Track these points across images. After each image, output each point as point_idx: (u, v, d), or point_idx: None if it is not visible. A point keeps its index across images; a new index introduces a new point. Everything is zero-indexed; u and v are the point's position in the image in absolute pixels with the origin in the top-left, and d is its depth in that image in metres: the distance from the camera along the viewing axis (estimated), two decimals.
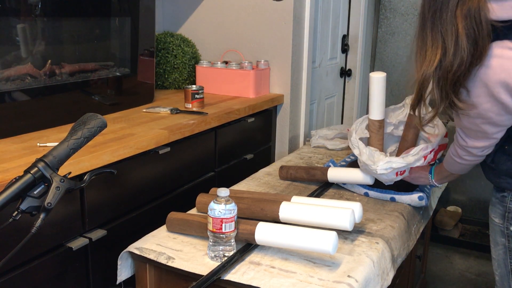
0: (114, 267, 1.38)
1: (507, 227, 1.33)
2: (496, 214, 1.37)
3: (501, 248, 1.36)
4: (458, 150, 1.38)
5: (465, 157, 1.38)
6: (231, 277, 1.19)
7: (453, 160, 1.44)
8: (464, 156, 1.38)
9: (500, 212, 1.35)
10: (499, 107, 1.16)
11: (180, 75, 2.51)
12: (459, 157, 1.39)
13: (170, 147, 1.81)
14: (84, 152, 1.45)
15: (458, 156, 1.39)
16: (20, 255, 1.31)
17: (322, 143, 2.29)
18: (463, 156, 1.38)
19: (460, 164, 1.42)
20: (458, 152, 1.38)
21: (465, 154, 1.36)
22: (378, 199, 1.68)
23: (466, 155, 1.37)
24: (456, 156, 1.41)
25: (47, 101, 1.75)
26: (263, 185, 1.80)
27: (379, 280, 1.29)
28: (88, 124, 1.02)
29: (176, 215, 1.42)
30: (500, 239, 1.36)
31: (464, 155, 1.37)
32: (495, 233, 1.38)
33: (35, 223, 0.93)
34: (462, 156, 1.38)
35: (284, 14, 2.44)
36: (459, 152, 1.38)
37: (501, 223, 1.35)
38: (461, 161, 1.40)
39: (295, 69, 2.54)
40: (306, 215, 1.32)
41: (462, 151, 1.37)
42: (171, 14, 2.74)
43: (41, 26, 1.70)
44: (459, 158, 1.40)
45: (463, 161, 1.40)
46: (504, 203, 1.33)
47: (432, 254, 2.91)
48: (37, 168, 0.95)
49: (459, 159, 1.40)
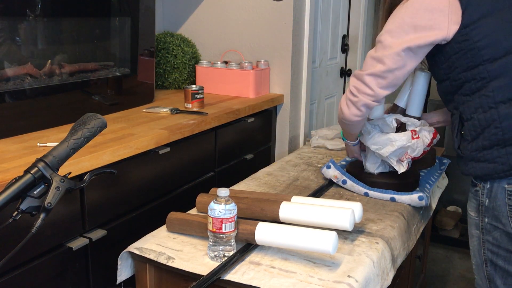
0: (114, 267, 1.38)
1: (481, 219, 1.40)
2: (471, 208, 1.44)
3: (476, 240, 1.44)
4: (350, 90, 1.47)
5: (351, 98, 1.47)
6: (231, 277, 1.19)
7: (340, 109, 1.54)
8: (351, 96, 1.47)
9: (474, 206, 1.42)
10: None
11: (180, 75, 2.51)
12: (347, 100, 1.49)
13: (170, 147, 1.81)
14: (84, 152, 1.45)
15: (346, 99, 1.50)
16: (20, 255, 1.31)
17: (322, 143, 2.29)
18: (351, 96, 1.47)
19: (345, 113, 1.51)
20: (348, 94, 1.48)
21: (355, 92, 1.45)
22: (378, 199, 1.68)
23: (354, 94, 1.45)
24: (346, 95, 1.50)
25: (47, 101, 1.75)
26: (263, 185, 1.80)
27: (379, 280, 1.29)
28: (88, 124, 1.02)
29: (176, 215, 1.42)
30: (475, 231, 1.44)
31: (353, 94, 1.46)
32: (470, 226, 1.46)
33: (35, 223, 0.93)
34: (350, 97, 1.47)
35: (284, 14, 2.44)
36: (352, 84, 1.47)
37: (476, 216, 1.42)
38: (346, 110, 1.50)
39: (295, 69, 2.54)
40: (306, 215, 1.32)
41: (353, 89, 1.46)
42: (171, 14, 2.74)
43: (41, 26, 1.70)
44: (346, 102, 1.50)
45: (346, 109, 1.50)
46: (477, 197, 1.40)
47: (432, 254, 2.91)
48: (37, 168, 0.95)
49: (346, 106, 1.50)
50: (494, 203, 1.36)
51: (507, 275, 1.39)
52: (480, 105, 1.33)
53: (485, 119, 1.32)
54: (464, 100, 1.38)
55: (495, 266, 1.40)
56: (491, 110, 1.31)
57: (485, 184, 1.37)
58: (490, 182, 1.36)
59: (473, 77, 1.34)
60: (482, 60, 1.31)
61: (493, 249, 1.39)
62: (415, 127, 1.63)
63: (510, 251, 1.36)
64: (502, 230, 1.36)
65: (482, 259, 1.43)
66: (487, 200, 1.37)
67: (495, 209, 1.36)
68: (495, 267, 1.40)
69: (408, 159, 1.62)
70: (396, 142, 1.58)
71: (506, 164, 1.31)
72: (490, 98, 1.31)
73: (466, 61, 1.34)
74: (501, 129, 1.30)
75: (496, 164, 1.32)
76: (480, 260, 1.44)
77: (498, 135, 1.31)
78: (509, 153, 1.30)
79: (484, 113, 1.32)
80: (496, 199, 1.35)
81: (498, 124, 1.30)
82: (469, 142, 1.38)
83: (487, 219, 1.38)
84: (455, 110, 1.43)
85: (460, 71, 1.36)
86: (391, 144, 1.59)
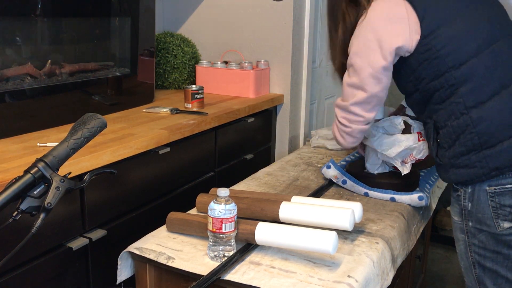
0: (114, 267, 1.38)
1: (465, 223, 1.39)
2: (454, 212, 1.44)
3: (462, 244, 1.43)
4: (340, 115, 1.52)
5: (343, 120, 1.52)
6: (231, 277, 1.19)
7: (336, 133, 1.59)
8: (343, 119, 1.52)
9: (457, 210, 1.42)
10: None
11: (180, 75, 2.51)
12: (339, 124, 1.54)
13: (170, 147, 1.81)
14: (84, 152, 1.45)
15: (338, 123, 1.54)
16: (20, 255, 1.31)
17: (322, 143, 2.29)
18: (343, 119, 1.52)
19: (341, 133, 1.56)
20: (339, 118, 1.53)
21: (345, 115, 1.51)
22: (378, 199, 1.68)
23: (345, 117, 1.51)
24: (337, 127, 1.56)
25: (47, 101, 1.75)
26: (263, 185, 1.80)
27: (379, 280, 1.29)
28: (88, 124, 1.02)
29: (176, 215, 1.42)
30: (460, 235, 1.43)
31: (344, 117, 1.51)
32: (455, 231, 1.45)
33: (35, 223, 0.93)
34: (342, 120, 1.52)
35: (284, 14, 2.44)
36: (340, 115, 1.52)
37: (460, 220, 1.41)
38: (342, 128, 1.54)
39: (295, 69, 2.54)
40: (306, 215, 1.32)
41: (343, 114, 1.51)
42: (171, 14, 2.74)
43: (41, 26, 1.70)
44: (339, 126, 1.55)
45: (343, 127, 1.53)
46: (460, 202, 1.40)
47: (432, 254, 2.91)
48: (37, 168, 0.95)
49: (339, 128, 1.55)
50: (478, 206, 1.35)
51: (497, 276, 1.38)
52: (452, 113, 1.33)
53: (459, 126, 1.32)
54: (436, 108, 1.38)
55: (483, 268, 1.39)
56: (463, 116, 1.31)
57: (466, 189, 1.36)
58: (471, 186, 1.35)
59: (441, 85, 1.34)
60: (447, 67, 1.31)
61: (479, 252, 1.38)
62: (420, 130, 1.63)
63: (497, 251, 1.35)
64: (487, 232, 1.35)
65: (470, 262, 1.42)
66: (469, 204, 1.36)
67: (479, 211, 1.35)
68: (483, 269, 1.39)
69: (412, 161, 1.63)
70: (403, 142, 1.59)
71: (485, 168, 1.30)
72: (461, 104, 1.31)
73: (432, 70, 1.34)
74: (476, 133, 1.30)
75: (476, 168, 1.31)
76: (468, 263, 1.43)
77: (474, 140, 1.30)
78: (487, 156, 1.29)
79: (457, 119, 1.32)
80: (479, 202, 1.34)
81: (472, 129, 1.30)
82: (446, 149, 1.37)
83: (471, 223, 1.37)
84: (429, 119, 1.43)
85: (428, 81, 1.36)
86: (398, 145, 1.59)
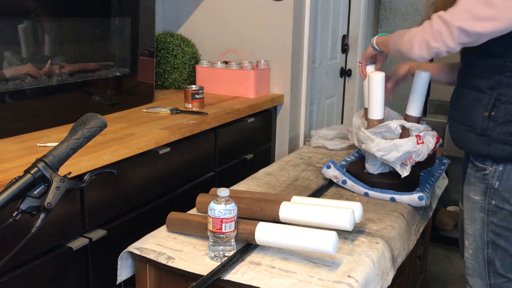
0: (114, 267, 1.38)
1: (488, 202, 1.42)
2: (476, 192, 1.46)
3: (479, 223, 1.46)
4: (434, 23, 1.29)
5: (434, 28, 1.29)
6: (231, 277, 1.19)
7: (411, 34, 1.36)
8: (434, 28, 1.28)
9: (480, 190, 1.44)
10: None
11: (180, 75, 2.51)
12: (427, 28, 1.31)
13: (170, 147, 1.81)
14: (84, 152, 1.45)
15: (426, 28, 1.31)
16: (20, 255, 1.31)
17: (322, 143, 2.29)
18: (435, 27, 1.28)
19: (416, 35, 1.33)
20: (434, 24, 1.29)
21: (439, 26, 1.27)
22: (378, 199, 1.68)
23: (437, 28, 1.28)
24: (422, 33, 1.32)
25: (47, 101, 1.75)
26: (263, 185, 1.80)
27: (379, 280, 1.29)
28: (88, 124, 1.02)
29: (176, 215, 1.42)
30: (479, 214, 1.46)
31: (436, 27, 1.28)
32: (473, 210, 1.47)
33: (35, 223, 0.93)
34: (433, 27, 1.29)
35: (284, 14, 2.44)
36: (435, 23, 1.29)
37: (482, 199, 1.44)
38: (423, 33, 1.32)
39: (295, 69, 2.54)
40: (306, 215, 1.32)
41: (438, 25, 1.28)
42: (171, 14, 2.74)
43: (41, 26, 1.70)
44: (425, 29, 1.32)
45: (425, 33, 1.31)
46: (486, 180, 1.42)
47: (432, 254, 2.91)
48: (37, 168, 0.95)
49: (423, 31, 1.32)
50: (506, 185, 1.39)
51: (506, 255, 1.43)
52: None
53: None
54: (509, 83, 1.34)
55: (496, 247, 1.44)
56: None
57: (497, 167, 1.40)
58: (503, 165, 1.39)
59: None
60: None
61: (496, 230, 1.43)
62: (419, 132, 1.63)
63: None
64: (507, 211, 1.40)
65: (484, 241, 1.45)
66: (497, 182, 1.40)
67: (505, 190, 1.39)
68: (496, 248, 1.44)
69: (411, 163, 1.63)
70: (402, 147, 1.59)
71: None
72: None
73: None
74: None
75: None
76: (481, 243, 1.46)
77: None
78: None
79: None
80: (508, 180, 1.38)
81: None
82: (499, 124, 1.36)
83: (494, 201, 1.41)
84: (489, 90, 1.38)
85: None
86: (397, 150, 1.60)
